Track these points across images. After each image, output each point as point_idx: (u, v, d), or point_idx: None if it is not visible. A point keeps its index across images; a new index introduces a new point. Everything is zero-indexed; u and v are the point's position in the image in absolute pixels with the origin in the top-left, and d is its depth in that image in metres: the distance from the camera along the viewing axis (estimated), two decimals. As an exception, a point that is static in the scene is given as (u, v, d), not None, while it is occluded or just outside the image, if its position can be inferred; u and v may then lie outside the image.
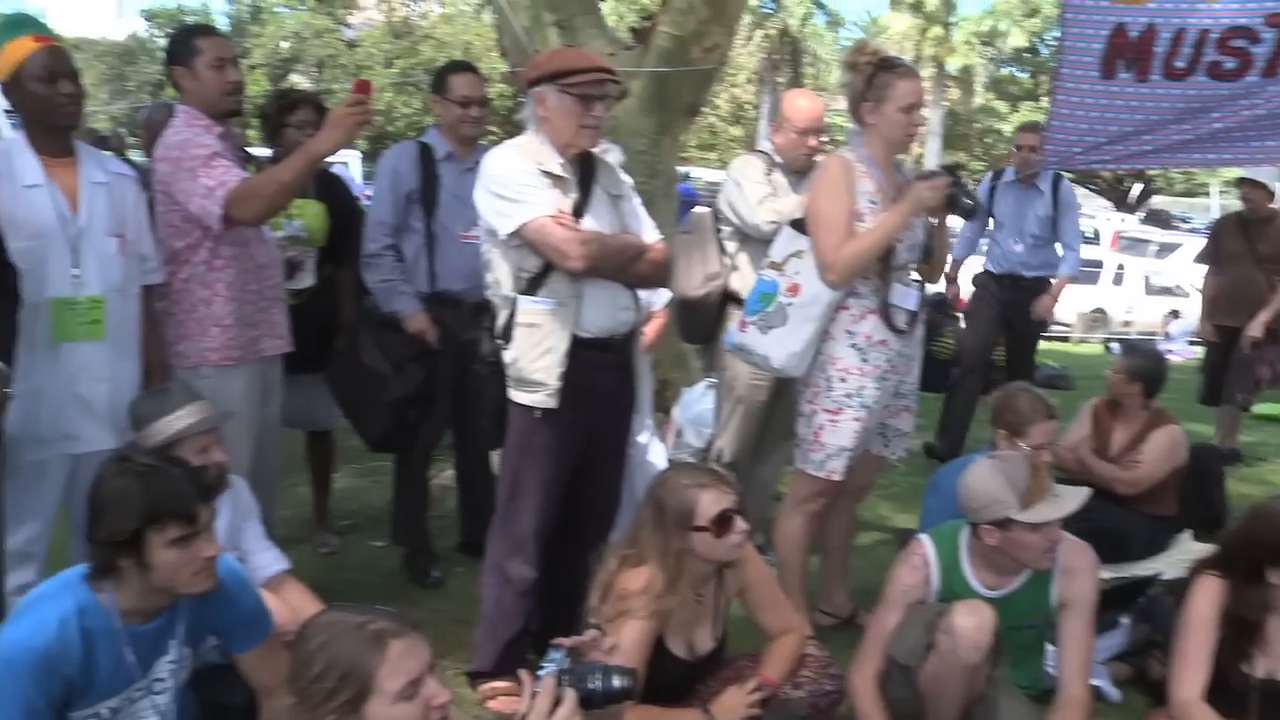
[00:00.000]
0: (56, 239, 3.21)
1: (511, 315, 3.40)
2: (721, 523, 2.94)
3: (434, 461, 4.93)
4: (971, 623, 3.04)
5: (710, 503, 2.95)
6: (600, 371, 3.43)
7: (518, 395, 3.43)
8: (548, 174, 3.33)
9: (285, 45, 37.41)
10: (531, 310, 3.37)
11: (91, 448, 3.26)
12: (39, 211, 3.18)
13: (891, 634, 3.20)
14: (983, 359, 6.91)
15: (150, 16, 42.88)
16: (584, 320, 3.37)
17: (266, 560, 3.39)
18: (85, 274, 3.24)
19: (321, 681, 2.08)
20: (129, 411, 3.22)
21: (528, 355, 3.37)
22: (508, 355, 3.42)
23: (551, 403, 3.37)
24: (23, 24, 3.30)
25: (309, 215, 4.45)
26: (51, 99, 3.22)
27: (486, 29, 34.82)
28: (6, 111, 3.28)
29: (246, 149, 4.26)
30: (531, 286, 3.36)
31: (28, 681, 2.35)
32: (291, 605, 3.21)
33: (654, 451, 4.59)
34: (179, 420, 3.11)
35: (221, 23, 42.11)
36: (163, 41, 39.95)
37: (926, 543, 3.35)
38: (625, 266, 3.41)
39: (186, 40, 3.69)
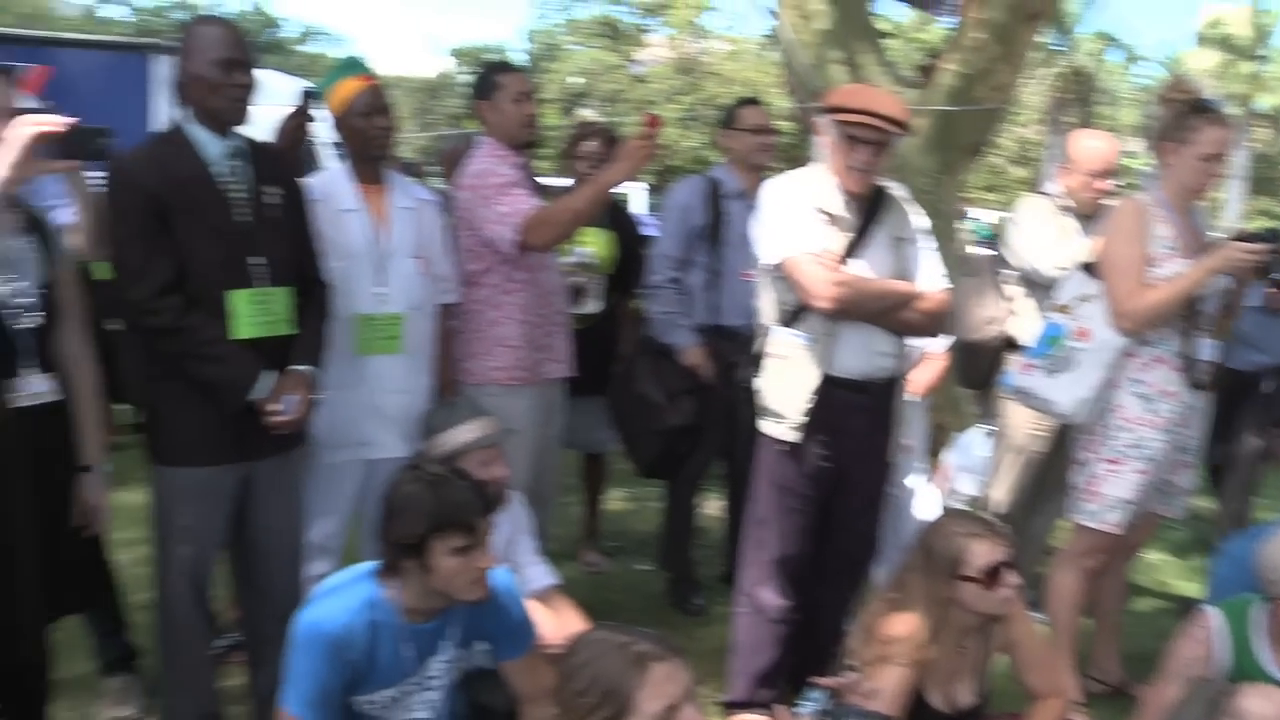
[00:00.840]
0: (365, 259, 3.45)
1: (767, 344, 3.43)
2: (992, 575, 2.86)
3: (705, 491, 4.99)
4: (1265, 710, 2.82)
5: (982, 553, 2.87)
6: (852, 413, 3.40)
7: (764, 424, 3.46)
8: (824, 211, 3.34)
9: (577, 80, 38.80)
10: (785, 342, 3.39)
11: (385, 454, 3.48)
12: (352, 233, 3.43)
13: (1170, 710, 3.01)
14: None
15: (458, 54, 45.53)
16: (837, 360, 3.35)
17: (536, 574, 3.52)
18: (389, 292, 3.47)
19: (584, 696, 2.14)
20: (420, 422, 3.43)
21: (775, 386, 3.41)
22: (758, 383, 3.45)
23: (794, 436, 3.38)
24: (352, 66, 3.60)
25: (597, 243, 4.62)
26: (368, 131, 3.48)
27: (770, 65, 35.06)
28: (335, 144, 3.56)
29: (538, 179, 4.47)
30: (790, 319, 3.38)
31: (321, 660, 2.54)
32: (557, 620, 3.33)
33: (924, 497, 4.49)
34: (465, 433, 3.29)
35: (520, 59, 44.26)
36: (466, 77, 42.40)
37: (1214, 615, 3.13)
38: (886, 312, 3.37)
39: (490, 76, 3.92)
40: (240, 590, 3.37)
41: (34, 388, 2.69)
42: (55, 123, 2.43)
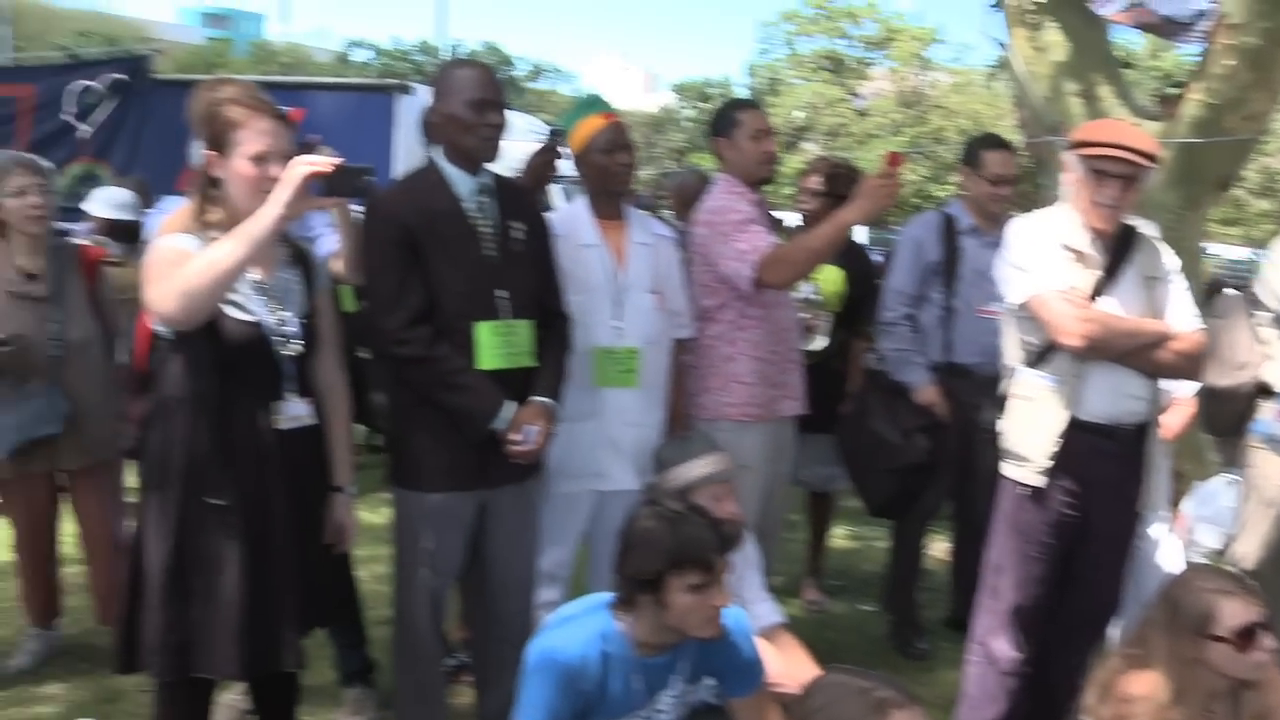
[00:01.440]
0: (603, 293, 3.50)
1: (1012, 386, 3.31)
2: (1245, 636, 2.66)
3: (931, 532, 4.87)
4: None
5: (1234, 612, 2.68)
6: (1100, 459, 3.26)
7: (1007, 467, 3.34)
8: (1071, 248, 3.21)
9: (799, 115, 38.76)
10: (1030, 383, 3.28)
11: (617, 486, 3.52)
12: (591, 268, 3.50)
13: None
14: None
15: (679, 90, 46.20)
16: (1085, 403, 3.22)
17: (763, 611, 3.48)
18: (626, 326, 3.51)
19: None
20: (653, 455, 3.46)
21: (1020, 428, 3.30)
22: (1002, 425, 3.34)
23: (1038, 480, 3.26)
24: (594, 104, 3.68)
25: (825, 280, 4.58)
26: (609, 168, 3.54)
27: (996, 98, 34.21)
28: (570, 181, 3.64)
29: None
30: (1036, 360, 3.27)
31: (554, 689, 2.58)
32: (784, 658, 3.28)
33: (1167, 549, 4.25)
34: (698, 468, 3.29)
35: (742, 94, 44.54)
36: (689, 112, 42.93)
37: None
38: (1139, 352, 3.22)
39: (729, 113, 3.94)
40: (473, 614, 3.45)
41: (294, 411, 2.82)
42: (325, 162, 2.56)
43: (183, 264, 2.60)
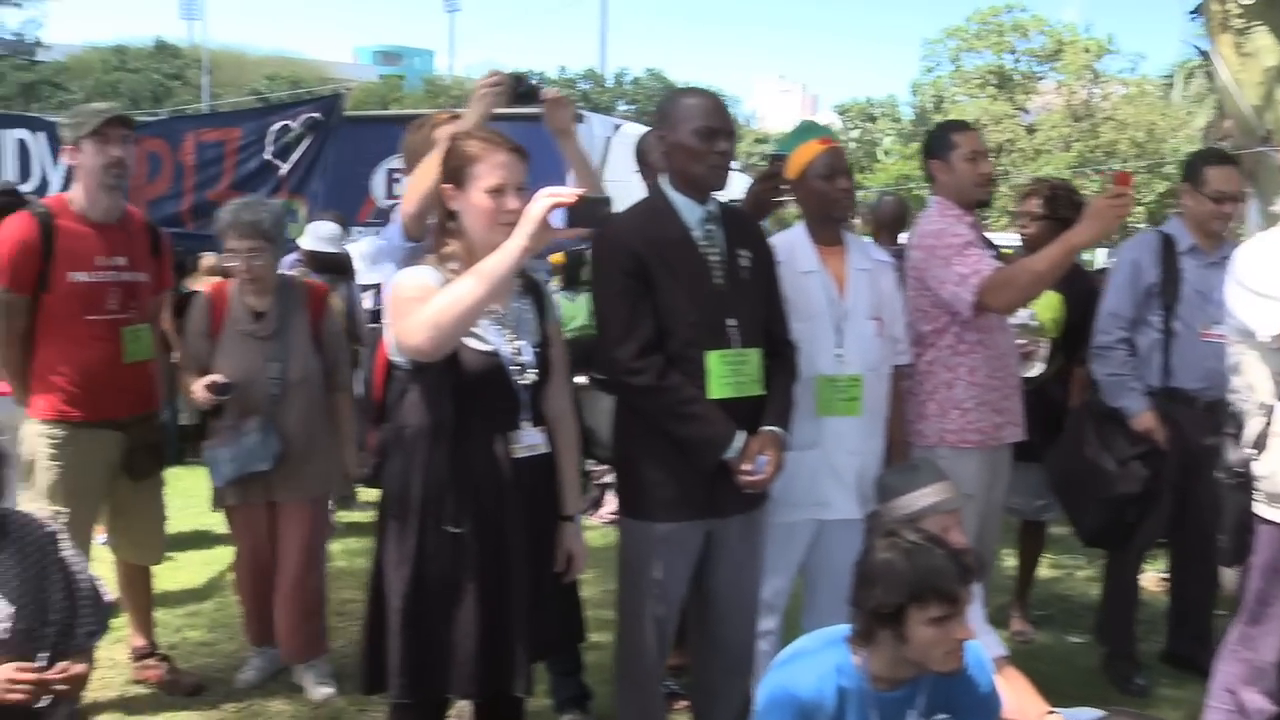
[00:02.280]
0: (825, 320, 3.47)
1: (1268, 424, 3.14)
2: None
3: (1145, 561, 4.69)
4: None
5: None
6: None
7: (1268, 511, 3.16)
8: None
9: (965, 132, 38.04)
10: None
11: (837, 515, 3.48)
12: (813, 295, 3.47)
13: None
14: None
15: (842, 111, 45.87)
16: None
17: (988, 643, 3.38)
18: (847, 353, 3.47)
19: None
20: (876, 483, 3.40)
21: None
22: (1260, 467, 3.17)
23: None
24: (812, 130, 3.66)
25: (1042, 305, 4.45)
26: (829, 194, 3.51)
27: (1172, 109, 32.95)
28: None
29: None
30: (1294, 395, 3.10)
31: None
32: (1013, 692, 3.18)
33: None
34: (925, 497, 3.21)
35: (906, 113, 43.92)
36: (853, 133, 42.56)
37: None
38: None
39: (944, 135, 3.87)
40: (694, 643, 3.45)
41: (530, 440, 2.86)
42: (568, 194, 2.59)
43: (426, 298, 2.66)
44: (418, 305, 2.67)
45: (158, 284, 4.23)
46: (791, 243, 3.55)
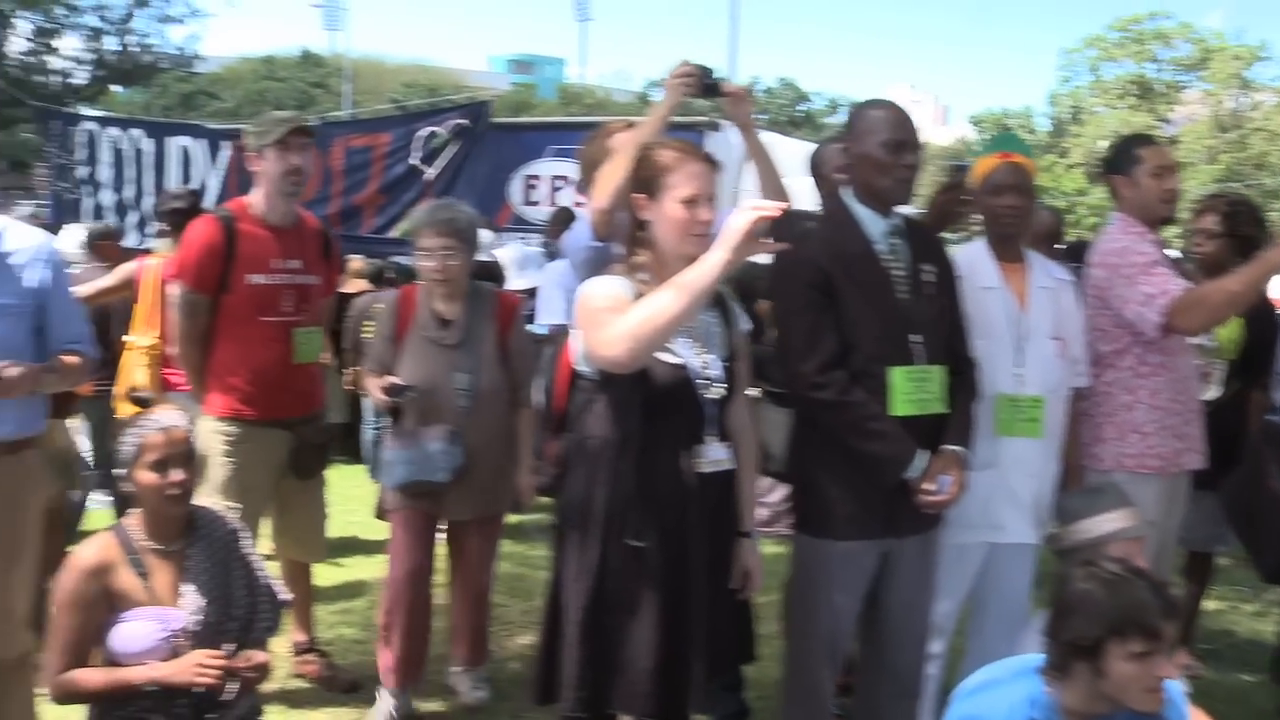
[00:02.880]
0: (1005, 338, 3.38)
1: None
2: None
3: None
4: None
5: None
6: None
7: None
8: None
9: (1104, 144, 37.06)
10: None
11: (1011, 539, 3.40)
12: (993, 312, 3.38)
13: None
14: None
15: (977, 121, 45.06)
16: None
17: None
18: (1027, 373, 3.38)
19: None
20: (1057, 506, 3.30)
21: None
22: None
23: None
24: (1003, 142, 3.60)
25: (1222, 325, 4.27)
26: (994, 209, 3.44)
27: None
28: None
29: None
30: None
31: None
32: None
33: None
34: (1108, 523, 3.10)
35: (1043, 124, 42.96)
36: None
37: None
38: None
39: (1128, 149, 3.74)
40: (863, 665, 3.38)
41: (715, 455, 2.84)
42: (773, 207, 2.55)
43: (619, 308, 2.66)
44: (611, 316, 2.66)
45: (327, 287, 4.32)
46: (972, 258, 3.46)
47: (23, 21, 29.92)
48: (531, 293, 7.05)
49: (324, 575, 5.38)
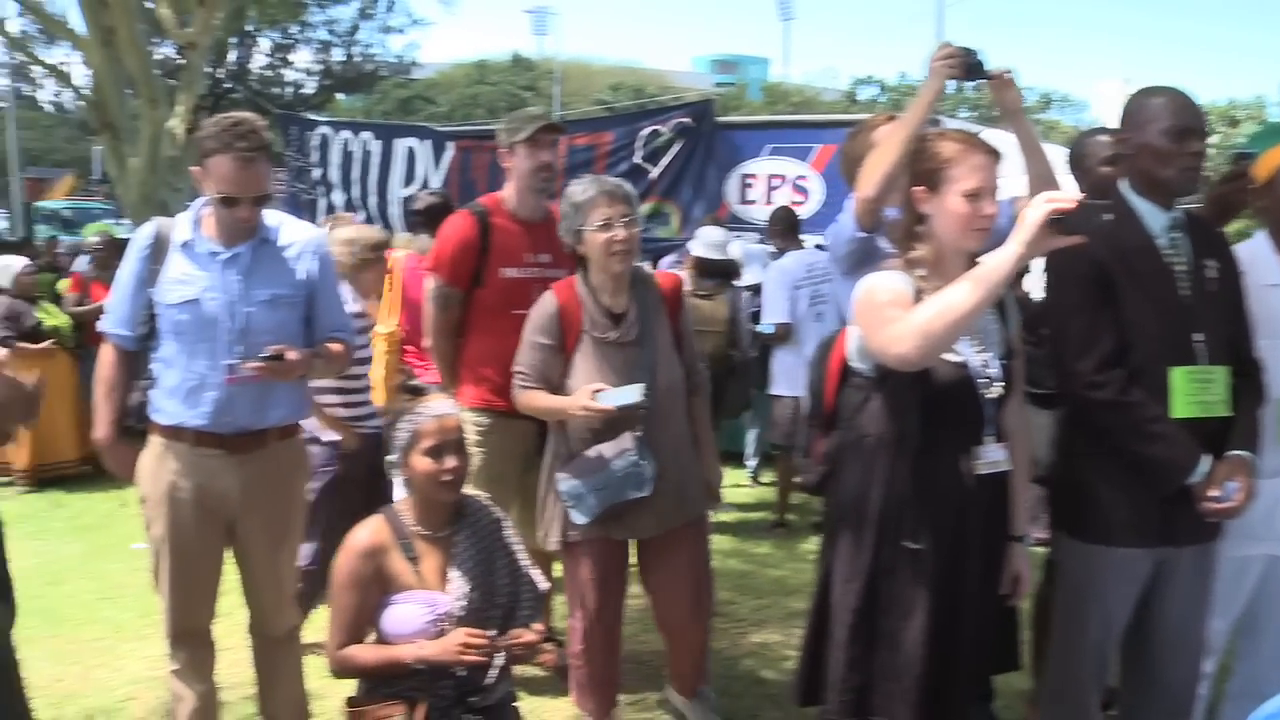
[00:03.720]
0: None
1: None
2: None
3: None
4: None
5: None
6: None
7: None
8: None
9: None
10: None
11: (1292, 553, 3.17)
12: (1275, 311, 3.15)
13: None
14: None
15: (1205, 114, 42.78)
16: None
17: None
18: None
19: None
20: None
21: None
22: None
23: None
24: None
25: None
26: None
27: None
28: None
29: None
30: None
31: None
32: None
33: None
34: None
35: (1275, 115, 40.39)
36: (1213, 138, 39.57)
37: None
38: None
39: None
40: (1130, 681, 3.21)
41: (992, 456, 2.76)
42: (1067, 199, 2.44)
43: (903, 304, 2.60)
44: (896, 311, 2.60)
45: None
46: (1253, 253, 3.23)
47: (263, 39, 31.77)
48: (755, 290, 7.08)
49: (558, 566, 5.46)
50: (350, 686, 3.00)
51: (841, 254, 3.26)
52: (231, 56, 30.61)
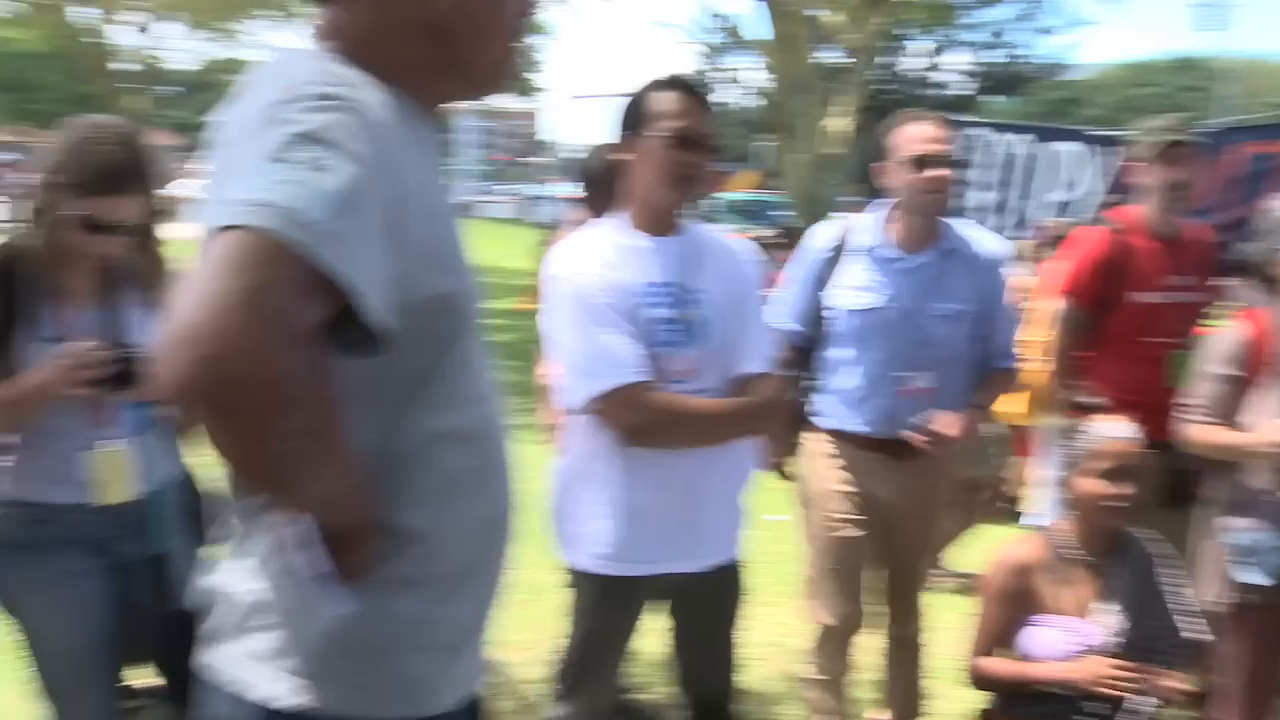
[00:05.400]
0: None
1: None
2: None
3: None
4: None
5: None
6: None
7: None
8: None
9: None
10: None
11: None
12: None
13: None
14: None
15: None
16: None
17: None
18: None
19: None
20: None
21: None
22: None
23: None
24: None
25: None
26: None
27: None
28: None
29: None
30: None
31: None
32: None
33: None
34: None
35: None
36: None
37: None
38: None
39: None
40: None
41: None
42: None
43: None
44: None
45: (1204, 304, 3.94)
46: None
47: (910, 43, 32.38)
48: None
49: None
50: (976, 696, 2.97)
51: None
52: (879, 59, 31.73)
